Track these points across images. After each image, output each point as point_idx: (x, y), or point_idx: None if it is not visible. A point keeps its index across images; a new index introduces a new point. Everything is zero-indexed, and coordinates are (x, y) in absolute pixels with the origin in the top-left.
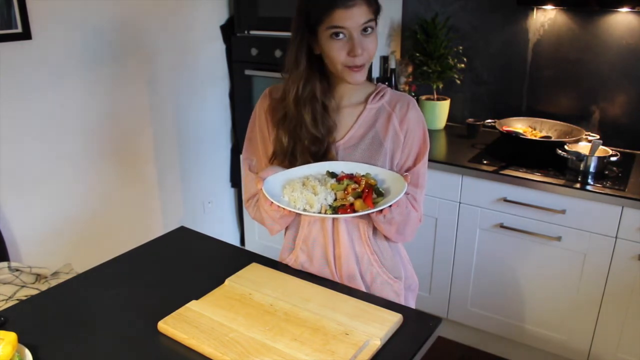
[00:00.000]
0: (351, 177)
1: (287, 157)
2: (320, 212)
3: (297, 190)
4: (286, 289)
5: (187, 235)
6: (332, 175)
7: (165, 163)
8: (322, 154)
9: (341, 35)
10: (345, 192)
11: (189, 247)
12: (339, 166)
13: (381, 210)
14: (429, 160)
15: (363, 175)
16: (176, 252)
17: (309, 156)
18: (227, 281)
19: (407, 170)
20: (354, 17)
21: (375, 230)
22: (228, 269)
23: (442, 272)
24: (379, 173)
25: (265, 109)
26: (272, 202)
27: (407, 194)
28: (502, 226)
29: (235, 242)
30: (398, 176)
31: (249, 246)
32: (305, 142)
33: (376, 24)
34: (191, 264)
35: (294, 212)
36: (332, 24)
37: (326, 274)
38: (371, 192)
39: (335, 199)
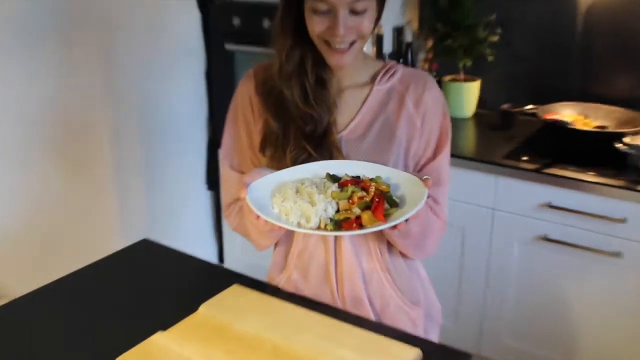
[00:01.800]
0: (357, 181)
1: (278, 143)
2: (319, 228)
3: (289, 199)
4: (276, 317)
5: (152, 250)
6: (334, 178)
7: (125, 160)
8: (320, 135)
9: (324, 8)
10: (350, 201)
11: (154, 264)
12: (342, 166)
13: (396, 225)
14: (454, 156)
15: (372, 179)
16: (138, 271)
17: (303, 139)
18: (201, 307)
19: (425, 165)
20: None
21: (387, 240)
22: (203, 291)
23: (472, 296)
24: (392, 176)
25: (250, 92)
26: (258, 216)
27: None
28: (546, 239)
29: (212, 258)
30: (415, 180)
31: (230, 263)
32: (298, 121)
33: (379, 7)
34: (157, 285)
35: (286, 227)
36: None
37: (326, 298)
38: (382, 201)
39: (338, 210)
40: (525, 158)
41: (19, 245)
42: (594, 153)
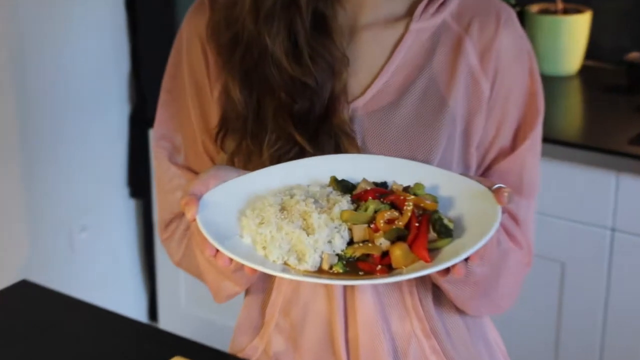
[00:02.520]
0: (383, 192)
1: (247, 130)
2: (319, 271)
3: (270, 222)
4: None
5: (36, 298)
6: (344, 186)
7: None
8: (320, 115)
9: None
10: (373, 226)
11: (39, 320)
12: (356, 165)
13: (448, 269)
14: (546, 141)
15: (408, 189)
16: (13, 331)
17: (290, 123)
18: None
19: (498, 160)
20: None
21: (433, 286)
22: None
23: None
24: (442, 182)
25: (202, 33)
26: (217, 250)
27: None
28: None
29: (138, 312)
30: (482, 190)
31: (167, 320)
32: (281, 93)
33: None
34: (44, 356)
35: (263, 271)
36: None
37: None
38: (426, 227)
39: (352, 242)
40: None
41: None
42: None
